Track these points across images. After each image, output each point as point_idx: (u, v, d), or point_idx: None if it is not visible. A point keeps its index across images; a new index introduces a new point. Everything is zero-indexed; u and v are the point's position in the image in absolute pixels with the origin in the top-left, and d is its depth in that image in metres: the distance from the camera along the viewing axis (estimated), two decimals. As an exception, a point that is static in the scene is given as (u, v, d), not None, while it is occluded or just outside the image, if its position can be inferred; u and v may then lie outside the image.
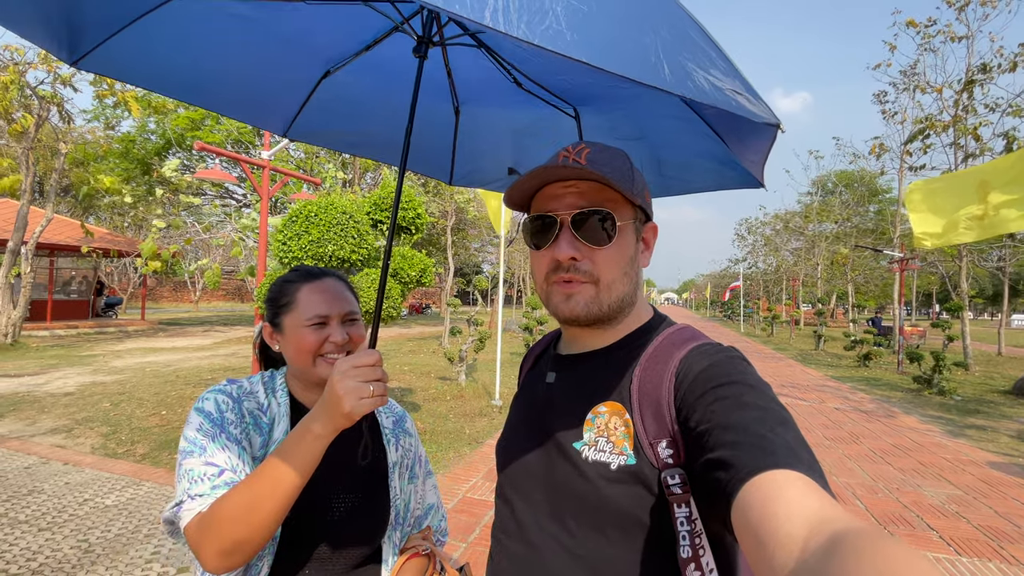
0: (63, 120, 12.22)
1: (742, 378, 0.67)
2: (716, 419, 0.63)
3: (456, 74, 1.37)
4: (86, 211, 25.32)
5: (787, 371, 12.63)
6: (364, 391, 0.80)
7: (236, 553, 0.84)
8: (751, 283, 40.49)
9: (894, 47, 14.34)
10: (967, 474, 5.12)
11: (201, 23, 1.17)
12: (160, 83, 1.29)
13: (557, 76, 1.27)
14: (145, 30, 1.12)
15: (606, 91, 1.26)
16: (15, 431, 5.64)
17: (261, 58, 1.29)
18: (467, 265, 33.68)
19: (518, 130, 1.51)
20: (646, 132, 1.30)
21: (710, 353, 0.73)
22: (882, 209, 30.24)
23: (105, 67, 1.19)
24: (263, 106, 1.46)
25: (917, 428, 7.03)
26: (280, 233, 4.92)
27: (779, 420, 0.61)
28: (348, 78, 1.38)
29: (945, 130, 13.01)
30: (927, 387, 9.83)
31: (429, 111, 1.45)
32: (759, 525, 0.48)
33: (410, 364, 11.34)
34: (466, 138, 1.55)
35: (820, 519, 0.45)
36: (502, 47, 1.25)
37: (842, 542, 0.40)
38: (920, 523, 3.93)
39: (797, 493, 0.49)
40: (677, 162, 1.32)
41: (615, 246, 0.78)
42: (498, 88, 1.37)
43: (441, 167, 1.65)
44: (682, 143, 1.24)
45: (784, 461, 0.54)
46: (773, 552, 0.45)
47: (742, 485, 0.54)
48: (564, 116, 1.39)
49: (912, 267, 15.14)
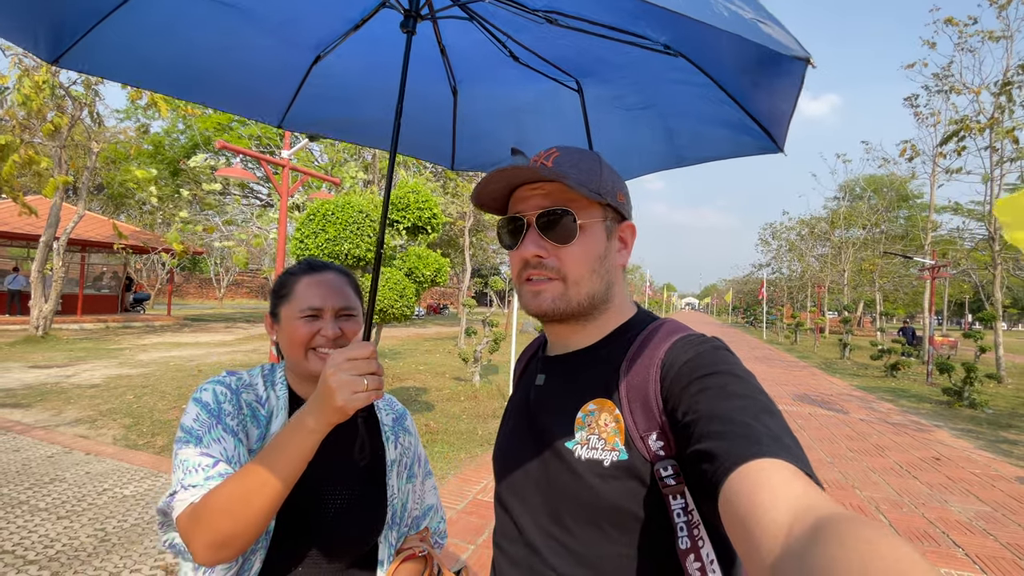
0: (94, 121, 12.60)
1: (727, 368, 0.67)
2: (702, 409, 0.63)
3: (451, 52, 1.33)
4: (117, 208, 26.09)
5: (810, 380, 12.32)
6: (358, 384, 0.79)
7: (227, 546, 0.83)
8: (775, 289, 39.74)
9: (933, 45, 13.91)
10: (996, 490, 4.91)
11: (182, 12, 1.13)
12: (146, 78, 1.27)
13: (556, 42, 1.20)
14: (124, 23, 1.10)
15: (609, 56, 1.18)
16: (41, 420, 5.81)
17: (248, 46, 1.25)
18: (485, 266, 33.78)
19: (519, 108, 1.46)
20: (654, 100, 1.25)
21: (694, 344, 0.74)
22: (912, 215, 29.40)
23: (87, 64, 1.17)
24: (255, 96, 1.43)
25: (946, 441, 6.78)
26: (298, 231, 4.98)
27: (764, 409, 0.61)
28: (339, 62, 1.34)
29: (981, 132, 12.58)
30: (957, 399, 9.48)
31: (427, 94, 1.42)
32: (745, 514, 0.49)
33: (426, 364, 11.39)
34: (466, 120, 1.51)
35: (804, 506, 0.46)
36: (496, 16, 1.20)
37: (825, 528, 0.41)
38: (945, 539, 3.77)
39: (781, 481, 0.50)
40: (688, 130, 1.26)
41: (579, 243, 0.80)
42: (496, 64, 1.31)
43: (442, 152, 1.61)
44: (693, 110, 1.19)
45: (769, 450, 0.54)
46: (759, 540, 0.46)
47: (728, 475, 0.54)
48: (566, 90, 1.34)
49: (944, 275, 14.66)
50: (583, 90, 1.33)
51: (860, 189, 28.59)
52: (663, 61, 1.08)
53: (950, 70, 13.92)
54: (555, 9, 1.08)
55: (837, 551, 0.37)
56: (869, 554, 0.35)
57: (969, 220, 20.09)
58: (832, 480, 5.04)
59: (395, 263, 5.45)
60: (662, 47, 1.05)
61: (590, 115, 1.34)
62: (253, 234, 11.99)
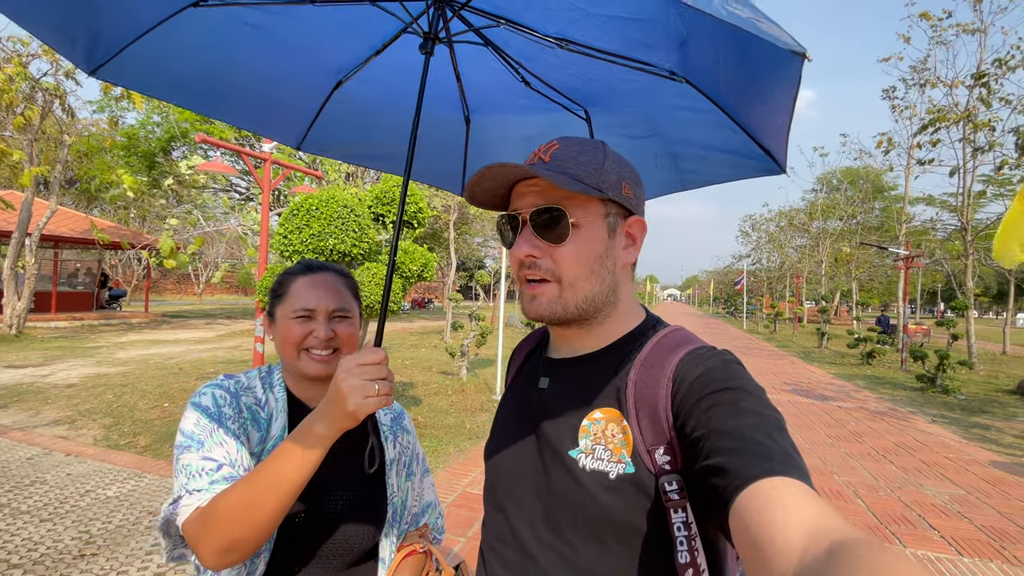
0: (65, 113, 12.22)
1: (738, 384, 0.67)
2: (712, 425, 0.62)
3: (465, 78, 1.35)
4: (90, 202, 25.38)
5: (789, 369, 12.60)
6: (369, 389, 0.78)
7: (235, 551, 0.83)
8: (755, 280, 40.36)
9: (908, 39, 14.19)
10: (970, 474, 5.10)
11: (214, 33, 1.16)
12: (176, 94, 1.29)
13: (566, 71, 1.24)
14: (159, 41, 1.12)
15: (616, 85, 1.22)
16: (18, 422, 5.67)
17: (274, 68, 1.28)
18: (470, 260, 33.67)
19: (530, 136, 1.48)
20: (658, 128, 1.28)
21: (705, 358, 0.73)
22: (888, 206, 30.06)
23: (121, 77, 1.18)
24: (277, 117, 1.45)
25: (920, 427, 7.00)
26: (281, 227, 4.91)
27: (775, 426, 0.61)
28: (360, 87, 1.37)
29: (956, 124, 12.89)
30: (931, 386, 9.79)
31: (440, 123, 1.45)
32: (757, 532, 0.49)
33: (412, 358, 11.36)
34: (477, 148, 1.53)
35: (819, 527, 0.45)
36: (509, 44, 1.23)
37: (841, 552, 0.40)
38: (921, 522, 3.91)
39: (794, 501, 0.50)
40: (693, 155, 1.29)
41: (574, 243, 0.77)
42: (508, 92, 1.35)
43: (453, 179, 1.64)
44: (697, 136, 1.22)
45: (781, 468, 0.54)
46: (772, 559, 0.45)
47: (739, 492, 0.54)
48: (575, 118, 1.36)
49: (918, 265, 15.05)
50: (591, 119, 1.35)
51: (837, 181, 29.15)
52: (668, 89, 1.11)
53: (926, 64, 14.24)
54: (566, 36, 1.11)
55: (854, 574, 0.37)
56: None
57: (942, 211, 20.65)
58: (812, 466, 5.17)
59: (381, 258, 5.42)
60: (668, 72, 1.08)
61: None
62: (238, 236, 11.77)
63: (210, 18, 1.12)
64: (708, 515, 0.66)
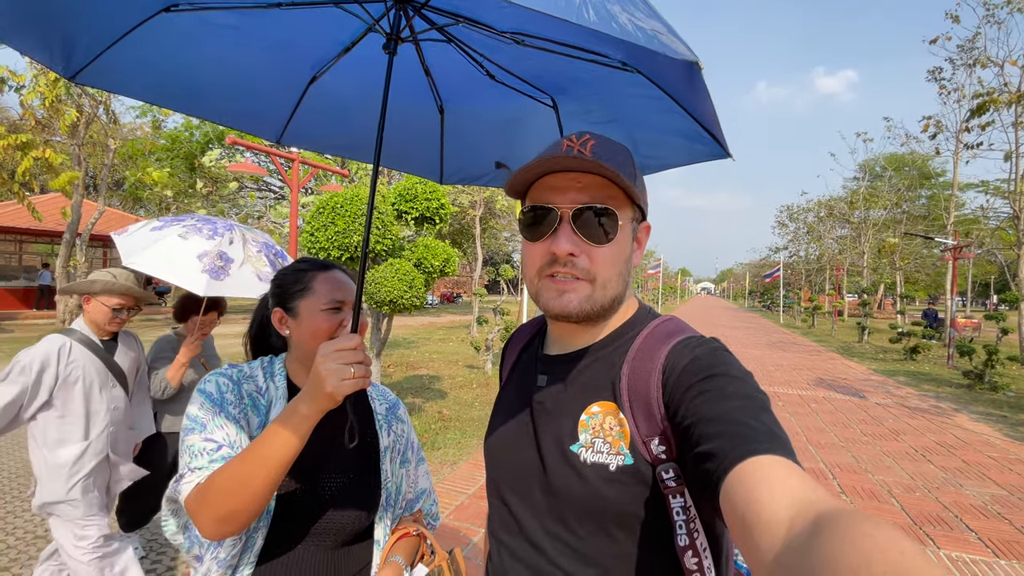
0: (109, 118, 12.83)
1: (724, 370, 0.68)
2: (701, 413, 0.64)
3: (435, 72, 1.40)
4: (135, 203, 26.60)
5: (827, 364, 12.20)
6: (345, 372, 0.85)
7: (231, 521, 0.90)
8: (792, 272, 39.13)
9: (957, 19, 13.42)
10: (1014, 474, 4.85)
11: (188, 36, 1.21)
12: (156, 95, 1.35)
13: (528, 61, 1.28)
14: (135, 45, 1.17)
15: (576, 74, 1.25)
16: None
17: (249, 66, 1.33)
18: (497, 254, 33.78)
19: (502, 124, 1.53)
20: (618, 114, 1.33)
21: (693, 347, 0.74)
22: (935, 194, 28.63)
23: (102, 81, 1.24)
24: (255, 114, 1.50)
25: (964, 425, 6.69)
26: (308, 224, 5.05)
27: (761, 407, 0.62)
28: (333, 81, 1.41)
29: (1008, 106, 12.15)
30: (978, 382, 9.32)
31: (415, 112, 1.49)
32: (745, 510, 0.50)
33: (439, 352, 11.51)
34: (452, 136, 1.58)
35: (803, 501, 0.46)
36: (472, 39, 1.26)
37: (826, 522, 0.41)
38: (958, 524, 3.75)
39: (779, 477, 0.51)
40: (649, 140, 1.34)
41: (614, 245, 0.76)
42: (477, 83, 1.38)
43: (431, 167, 1.69)
44: (651, 121, 1.27)
45: (766, 447, 0.55)
46: (760, 535, 0.46)
47: (727, 473, 0.55)
48: (543, 106, 1.41)
49: (966, 255, 14.31)
50: (558, 106, 1.40)
51: (880, 168, 27.92)
52: (623, 77, 1.16)
53: (975, 43, 13.44)
54: (521, 31, 1.15)
55: (838, 545, 0.37)
56: (870, 547, 0.36)
57: (994, 199, 19.52)
58: (845, 464, 5.02)
59: (404, 254, 5.51)
60: (620, 63, 1.14)
61: (565, 129, 1.42)
62: (268, 231, 12.17)
63: (183, 21, 1.17)
64: (703, 499, 0.68)
